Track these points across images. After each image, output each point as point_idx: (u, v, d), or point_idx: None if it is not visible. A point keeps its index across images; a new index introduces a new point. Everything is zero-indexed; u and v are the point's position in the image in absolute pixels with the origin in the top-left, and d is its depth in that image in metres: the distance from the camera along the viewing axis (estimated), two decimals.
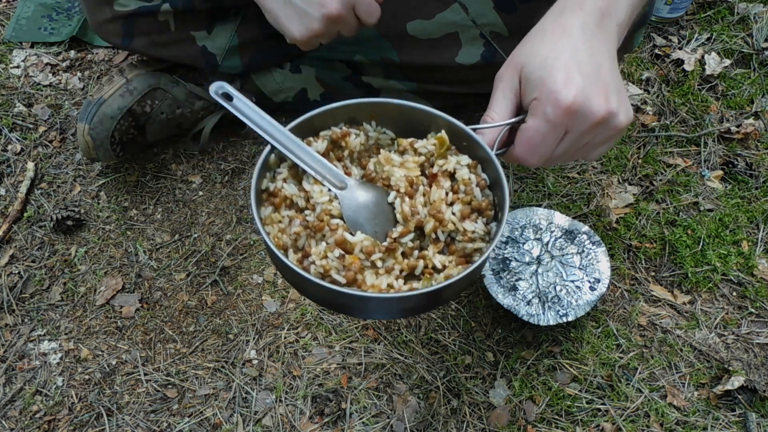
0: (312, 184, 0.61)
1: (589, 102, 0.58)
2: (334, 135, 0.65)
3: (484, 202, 0.62)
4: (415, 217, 0.61)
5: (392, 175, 0.62)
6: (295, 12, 0.80)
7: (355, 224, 0.61)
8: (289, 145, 0.61)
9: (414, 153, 0.64)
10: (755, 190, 1.05)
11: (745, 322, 0.92)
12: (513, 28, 0.96)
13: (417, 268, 0.60)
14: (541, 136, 0.60)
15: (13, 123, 1.15)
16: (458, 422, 0.84)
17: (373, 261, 0.59)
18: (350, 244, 0.59)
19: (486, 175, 0.63)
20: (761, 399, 0.84)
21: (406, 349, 0.90)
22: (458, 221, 0.61)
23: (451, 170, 0.63)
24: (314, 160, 0.62)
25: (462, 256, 0.61)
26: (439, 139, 0.63)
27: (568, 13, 0.62)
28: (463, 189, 0.62)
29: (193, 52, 0.99)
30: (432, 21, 0.96)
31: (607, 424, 0.84)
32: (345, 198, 0.61)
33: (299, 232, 0.60)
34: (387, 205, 0.62)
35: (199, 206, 1.05)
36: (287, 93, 1.07)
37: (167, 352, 0.91)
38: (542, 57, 0.60)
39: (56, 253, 1.00)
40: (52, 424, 0.85)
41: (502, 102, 0.62)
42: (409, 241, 0.61)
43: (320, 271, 0.58)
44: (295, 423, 0.84)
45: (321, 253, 0.58)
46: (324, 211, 0.60)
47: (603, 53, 0.61)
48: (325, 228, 0.60)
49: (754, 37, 1.23)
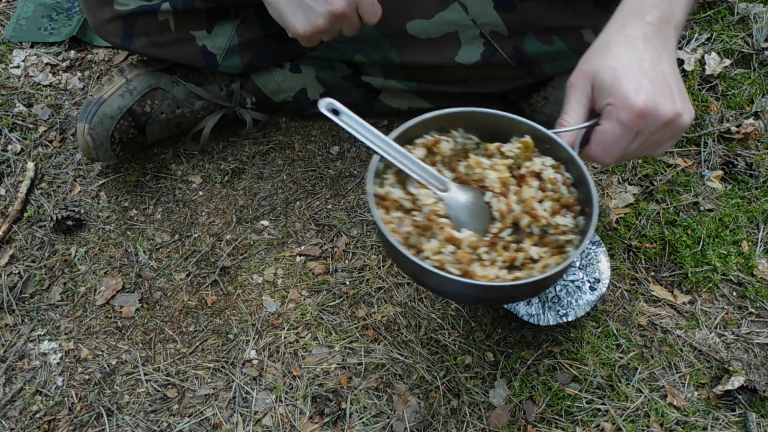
0: (417, 188, 0.68)
1: (658, 106, 0.65)
2: (428, 142, 0.72)
3: (570, 198, 0.69)
4: (511, 214, 0.67)
5: (486, 177, 0.69)
6: (300, 7, 0.81)
7: (459, 222, 0.68)
8: (394, 153, 0.68)
9: (501, 156, 0.71)
10: (755, 190, 1.05)
11: (745, 322, 0.92)
12: (512, 27, 0.96)
13: (517, 260, 0.67)
14: (615, 138, 0.66)
15: (13, 123, 1.15)
16: (458, 422, 0.84)
17: (479, 254, 0.66)
18: (458, 240, 0.65)
19: (570, 174, 0.70)
20: (761, 399, 0.84)
21: (406, 349, 0.90)
22: (549, 216, 0.68)
23: (537, 171, 0.69)
24: (418, 166, 0.68)
25: (555, 248, 0.68)
26: (524, 143, 0.70)
27: (631, 25, 0.69)
28: (551, 187, 0.69)
29: (193, 52, 0.99)
30: (432, 20, 0.96)
31: (607, 424, 0.84)
32: (448, 199, 0.68)
33: (411, 231, 0.66)
34: (484, 204, 0.69)
35: (199, 206, 1.05)
36: (287, 93, 1.07)
37: (167, 352, 0.91)
38: (613, 68, 0.66)
39: (56, 253, 1.00)
40: (52, 424, 0.85)
41: (576, 107, 0.69)
42: (507, 236, 0.68)
43: (436, 265, 0.64)
44: (295, 423, 0.84)
45: (435, 249, 0.65)
46: (431, 212, 0.67)
47: (665, 59, 0.68)
48: (434, 227, 0.66)
49: (754, 37, 1.23)
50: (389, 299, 0.94)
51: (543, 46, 0.97)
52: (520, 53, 0.98)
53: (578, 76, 0.70)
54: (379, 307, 0.94)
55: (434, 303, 0.94)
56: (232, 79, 1.05)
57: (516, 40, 0.98)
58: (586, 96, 0.69)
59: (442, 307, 0.94)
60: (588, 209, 0.67)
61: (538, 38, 0.97)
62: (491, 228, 0.68)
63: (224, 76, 1.05)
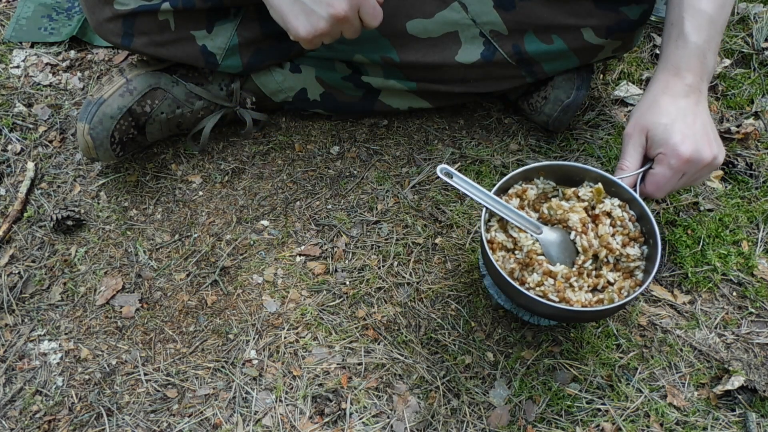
0: (517, 232, 0.84)
1: (700, 153, 0.82)
2: (519, 191, 0.88)
3: (636, 232, 0.85)
4: (592, 248, 0.83)
5: (569, 219, 0.84)
6: (302, 10, 0.81)
7: (552, 257, 0.83)
8: (497, 206, 0.84)
9: (578, 199, 0.87)
10: (755, 190, 1.05)
11: (745, 322, 0.92)
12: (512, 27, 0.96)
13: (599, 284, 0.82)
14: (666, 179, 0.84)
15: (13, 123, 1.15)
16: (458, 422, 0.84)
17: (571, 282, 0.82)
18: (554, 273, 0.82)
19: (633, 211, 0.86)
20: (761, 399, 0.84)
21: (406, 349, 0.90)
22: (621, 248, 0.83)
23: (608, 210, 0.85)
24: (516, 214, 0.84)
25: (626, 273, 0.83)
26: (596, 189, 0.86)
27: (672, 86, 0.86)
28: (620, 224, 0.84)
29: (193, 52, 0.99)
30: (432, 20, 0.96)
31: (607, 424, 0.84)
32: (543, 240, 0.84)
33: (515, 267, 0.82)
34: (569, 241, 0.84)
35: (199, 206, 1.05)
36: (287, 93, 1.07)
37: (167, 352, 0.91)
38: (663, 124, 0.84)
39: (56, 253, 1.00)
40: (52, 424, 0.85)
41: (634, 154, 0.86)
42: (588, 266, 0.83)
43: (539, 294, 0.80)
44: (295, 423, 0.84)
45: (537, 281, 0.81)
46: (531, 251, 0.83)
47: (702, 111, 0.86)
48: (534, 263, 0.82)
49: (754, 37, 1.23)
50: (389, 299, 0.94)
51: (543, 45, 0.98)
52: (520, 52, 0.98)
53: (634, 128, 0.86)
54: (379, 307, 0.94)
55: (434, 303, 0.94)
56: (232, 79, 1.05)
57: (516, 39, 0.98)
58: (641, 145, 0.86)
59: (442, 307, 0.94)
60: (651, 240, 0.83)
61: (538, 37, 0.97)
62: (577, 260, 0.84)
63: (224, 75, 1.05)
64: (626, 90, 1.18)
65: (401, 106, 1.09)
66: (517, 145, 1.11)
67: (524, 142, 1.11)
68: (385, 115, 1.15)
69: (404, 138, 1.12)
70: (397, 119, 1.15)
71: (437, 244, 1.00)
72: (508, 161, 1.08)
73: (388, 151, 1.11)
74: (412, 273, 0.97)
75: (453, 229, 1.01)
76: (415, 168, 1.08)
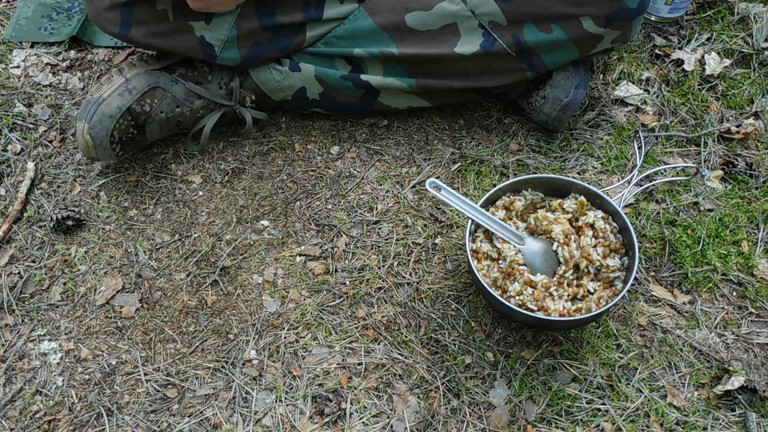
0: (501, 243, 0.88)
1: None
2: (506, 203, 0.93)
3: (617, 244, 0.88)
4: (573, 259, 0.86)
5: (552, 230, 0.88)
6: None
7: (534, 267, 0.87)
8: (483, 218, 0.88)
9: (563, 211, 0.91)
10: (755, 190, 1.05)
11: (745, 322, 0.92)
12: (511, 17, 0.97)
13: (578, 294, 0.86)
14: None
15: (13, 123, 1.15)
16: (458, 422, 0.84)
17: (551, 291, 0.85)
18: (534, 282, 0.85)
19: (616, 223, 0.89)
20: (761, 399, 0.84)
21: (406, 349, 0.90)
22: (602, 259, 0.86)
23: (591, 222, 0.89)
24: (500, 225, 0.89)
25: (606, 283, 0.87)
26: (580, 202, 0.90)
27: None
28: (602, 236, 0.88)
29: (191, 43, 0.99)
30: (430, 12, 0.96)
31: (607, 424, 0.84)
32: (526, 250, 0.88)
33: (498, 276, 0.87)
34: (552, 251, 0.88)
35: (199, 206, 1.05)
36: (286, 92, 1.07)
37: (167, 352, 0.91)
38: None
39: (56, 253, 1.00)
40: (52, 424, 0.85)
41: None
42: (569, 275, 0.87)
43: (519, 302, 0.84)
44: (295, 423, 0.84)
45: (517, 291, 0.85)
46: (513, 261, 0.87)
47: None
48: (515, 272, 0.86)
49: (754, 37, 1.23)
50: (389, 299, 0.94)
51: (542, 34, 0.97)
52: (519, 42, 0.98)
53: None
54: (379, 307, 0.94)
55: (434, 303, 0.94)
56: (231, 78, 1.05)
57: (515, 29, 0.98)
58: None
59: (442, 307, 0.94)
60: (631, 252, 0.86)
61: (537, 27, 0.97)
62: (558, 270, 0.87)
63: (223, 74, 1.05)
64: (626, 90, 1.18)
65: (400, 106, 1.09)
66: (517, 145, 1.11)
67: (524, 142, 1.11)
68: (385, 114, 1.15)
69: (404, 138, 1.12)
70: (397, 119, 1.15)
71: (437, 244, 1.00)
72: (508, 161, 1.08)
73: (388, 151, 1.11)
74: (412, 273, 0.97)
75: (453, 229, 1.01)
76: (415, 168, 1.08)
